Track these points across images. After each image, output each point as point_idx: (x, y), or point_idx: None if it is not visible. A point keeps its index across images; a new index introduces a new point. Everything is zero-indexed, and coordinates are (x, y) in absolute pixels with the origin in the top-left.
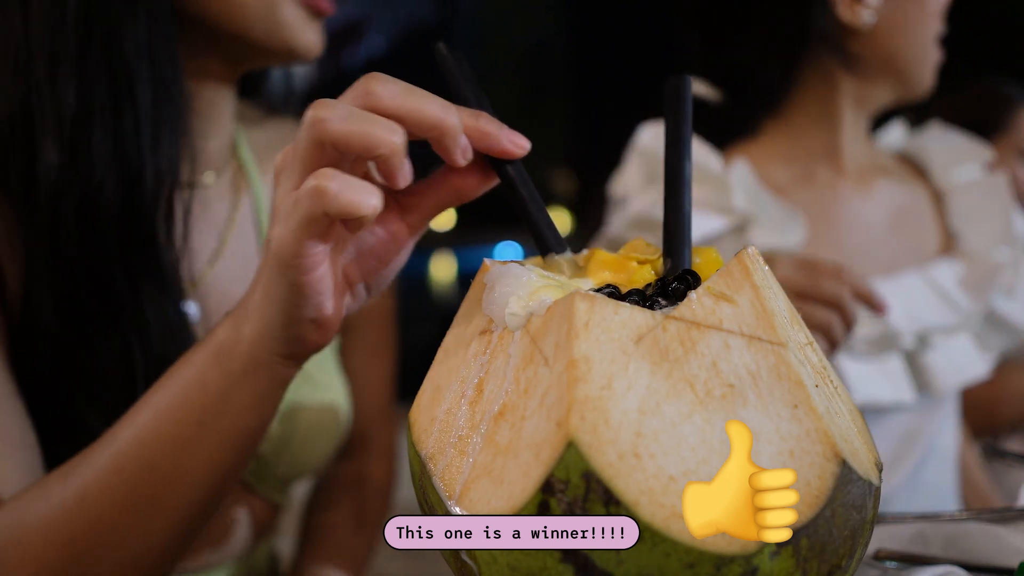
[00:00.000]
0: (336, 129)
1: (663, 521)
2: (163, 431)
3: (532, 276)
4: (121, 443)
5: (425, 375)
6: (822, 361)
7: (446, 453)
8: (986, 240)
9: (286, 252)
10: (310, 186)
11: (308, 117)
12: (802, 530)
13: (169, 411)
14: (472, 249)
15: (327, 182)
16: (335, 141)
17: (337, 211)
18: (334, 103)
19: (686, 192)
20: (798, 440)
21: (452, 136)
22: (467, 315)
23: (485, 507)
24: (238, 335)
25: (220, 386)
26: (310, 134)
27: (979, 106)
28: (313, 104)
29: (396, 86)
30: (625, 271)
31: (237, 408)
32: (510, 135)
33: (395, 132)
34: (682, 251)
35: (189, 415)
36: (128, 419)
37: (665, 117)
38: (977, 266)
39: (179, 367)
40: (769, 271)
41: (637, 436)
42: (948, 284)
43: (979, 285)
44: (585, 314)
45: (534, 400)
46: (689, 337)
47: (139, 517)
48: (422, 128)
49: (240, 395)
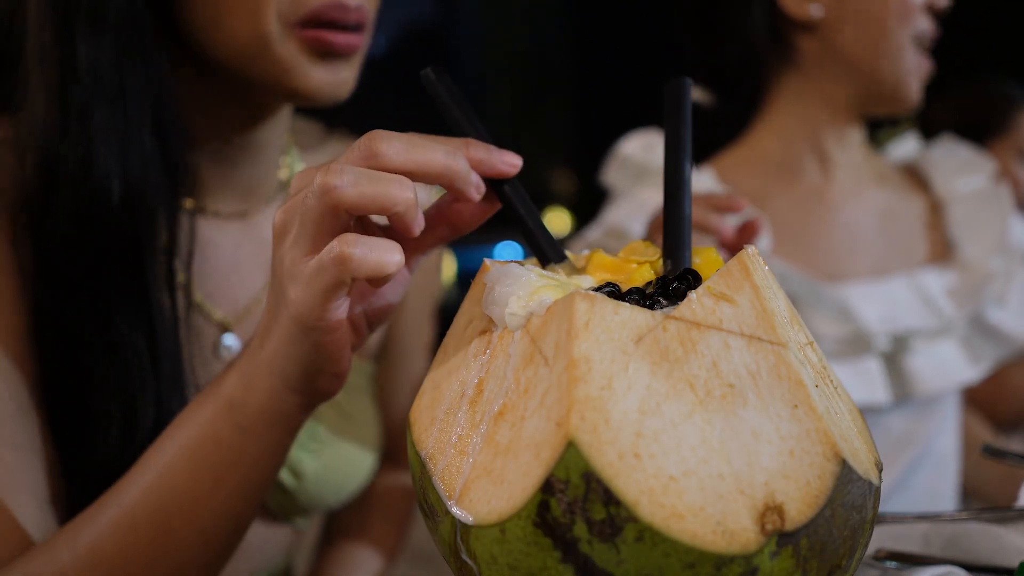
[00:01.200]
0: (349, 195)
1: (663, 521)
2: (177, 488)
3: (532, 276)
4: (132, 501)
5: (425, 375)
6: (822, 361)
7: (446, 453)
8: (982, 250)
9: (310, 316)
10: (334, 253)
11: (318, 184)
12: (802, 530)
13: (182, 468)
14: (472, 249)
15: (351, 248)
16: (350, 207)
17: (364, 275)
18: (341, 168)
19: (686, 194)
20: (798, 440)
21: (463, 178)
22: (467, 315)
23: (485, 507)
24: (250, 389)
25: (234, 441)
26: (323, 202)
27: (979, 106)
28: (319, 170)
29: (399, 142)
30: (624, 273)
31: (251, 460)
32: (501, 156)
33: (407, 187)
34: (682, 253)
35: (203, 471)
36: (136, 476)
37: (665, 120)
38: (968, 275)
39: (186, 422)
40: (769, 271)
41: (637, 436)
42: (934, 289)
43: (968, 293)
44: (585, 314)
45: (534, 400)
46: (689, 337)
47: (153, 572)
48: (431, 178)
49: (254, 447)
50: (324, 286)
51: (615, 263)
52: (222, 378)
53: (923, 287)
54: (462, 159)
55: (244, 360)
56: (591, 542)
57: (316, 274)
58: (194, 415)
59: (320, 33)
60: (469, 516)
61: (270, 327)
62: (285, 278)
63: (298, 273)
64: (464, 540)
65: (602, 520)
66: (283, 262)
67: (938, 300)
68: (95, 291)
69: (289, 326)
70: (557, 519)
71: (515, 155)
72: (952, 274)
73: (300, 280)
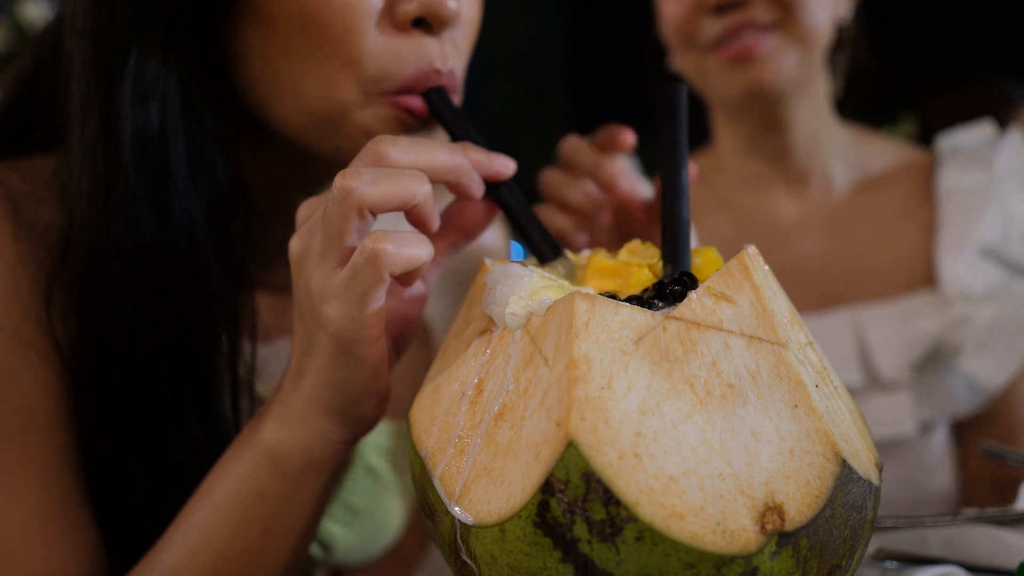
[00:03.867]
0: (370, 193)
1: (663, 521)
2: (231, 549)
3: (533, 276)
4: (175, 565)
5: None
6: (822, 361)
7: (446, 453)
8: (967, 265)
9: (351, 328)
10: (368, 252)
11: (337, 188)
12: (802, 530)
13: (226, 524)
14: None
15: (383, 244)
16: (373, 205)
17: (401, 268)
18: (357, 171)
19: (684, 199)
20: (798, 440)
21: (467, 175)
22: (467, 315)
23: (485, 507)
24: (292, 433)
25: (281, 492)
26: (345, 205)
27: (979, 106)
28: (338, 175)
29: (404, 143)
30: (624, 276)
31: (298, 508)
32: (497, 159)
33: (423, 181)
34: (681, 257)
35: (249, 525)
36: (177, 537)
37: (660, 125)
38: (943, 311)
39: (223, 478)
40: (769, 271)
41: (637, 436)
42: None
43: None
44: (585, 314)
45: (534, 400)
46: (689, 337)
47: None
48: (438, 176)
49: (301, 494)
50: (362, 291)
51: (615, 266)
52: (255, 429)
53: (861, 331)
54: (463, 156)
55: (279, 405)
56: (591, 542)
57: (352, 280)
58: (230, 469)
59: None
60: (469, 516)
61: (303, 364)
62: (317, 299)
63: (332, 287)
64: (464, 540)
65: (602, 520)
66: (311, 285)
67: (875, 352)
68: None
69: (329, 348)
70: (557, 519)
71: (509, 158)
72: (923, 311)
73: (336, 293)
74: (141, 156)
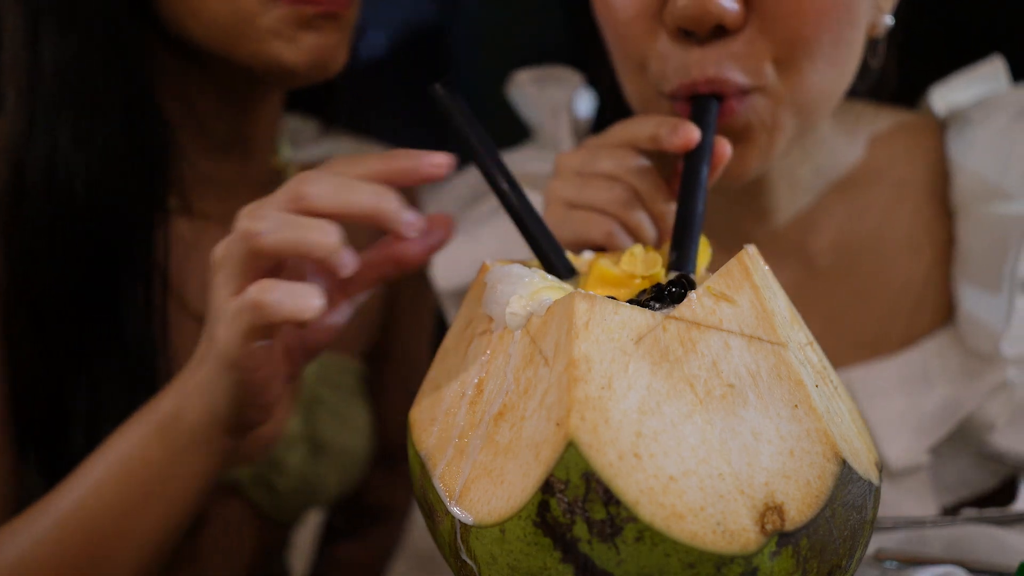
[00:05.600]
0: (268, 242)
1: (663, 521)
2: (107, 501)
3: (533, 276)
4: (63, 513)
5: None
6: (822, 361)
7: (446, 453)
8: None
9: (231, 354)
10: (250, 299)
11: (240, 228)
12: (802, 530)
13: (112, 484)
14: None
15: (266, 295)
16: (269, 253)
17: (280, 320)
18: (265, 213)
19: (700, 192)
20: (798, 440)
21: (393, 218)
22: (467, 315)
23: (485, 507)
24: (181, 411)
25: (163, 460)
26: (243, 246)
27: None
28: (243, 213)
29: (327, 184)
30: (626, 287)
31: (179, 482)
32: (428, 159)
33: (328, 233)
34: (689, 245)
35: (133, 487)
36: (69, 488)
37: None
38: (965, 363)
39: (121, 438)
40: (769, 271)
41: (637, 436)
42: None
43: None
44: (585, 314)
45: (534, 400)
46: (689, 337)
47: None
48: (360, 220)
49: (184, 468)
50: (243, 329)
51: (617, 277)
52: (160, 396)
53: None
54: (392, 199)
55: (180, 381)
56: (591, 542)
57: (236, 316)
58: (129, 432)
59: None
60: (469, 516)
61: (205, 353)
62: (213, 314)
63: (223, 312)
64: (464, 540)
65: (602, 520)
66: (213, 296)
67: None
68: (66, 294)
69: (214, 360)
70: (557, 519)
71: (443, 155)
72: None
73: (224, 319)
74: (63, 77)
